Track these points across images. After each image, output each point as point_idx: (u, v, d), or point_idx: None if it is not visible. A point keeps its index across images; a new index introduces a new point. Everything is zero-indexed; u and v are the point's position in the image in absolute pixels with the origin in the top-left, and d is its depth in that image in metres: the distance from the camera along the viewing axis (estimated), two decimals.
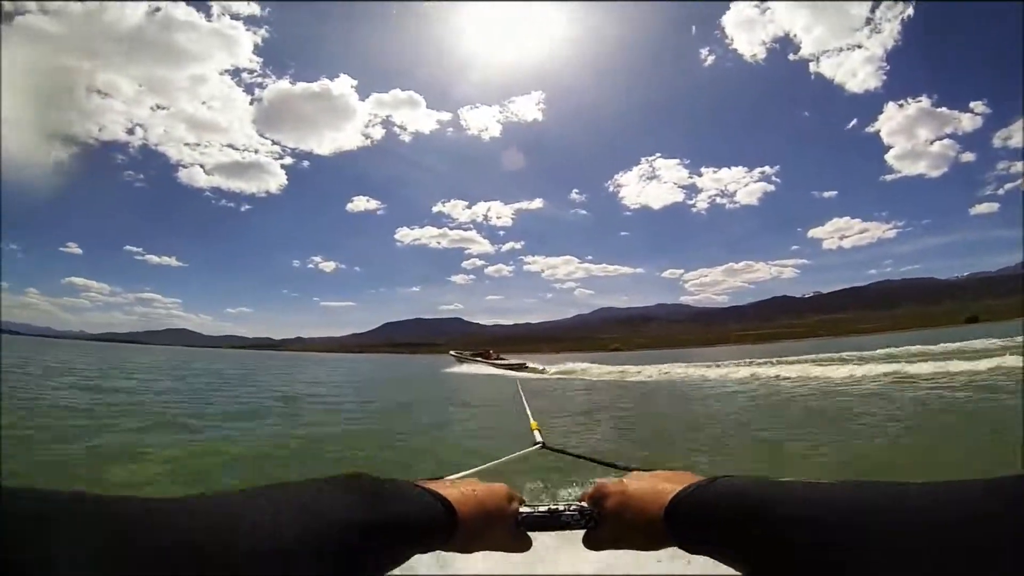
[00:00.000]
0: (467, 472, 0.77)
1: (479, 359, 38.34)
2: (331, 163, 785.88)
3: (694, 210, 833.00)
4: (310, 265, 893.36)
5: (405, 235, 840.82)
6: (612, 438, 8.61)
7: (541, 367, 30.52)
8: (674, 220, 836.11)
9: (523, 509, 0.68)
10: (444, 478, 0.69)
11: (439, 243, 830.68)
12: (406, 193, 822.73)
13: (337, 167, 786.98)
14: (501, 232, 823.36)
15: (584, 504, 0.68)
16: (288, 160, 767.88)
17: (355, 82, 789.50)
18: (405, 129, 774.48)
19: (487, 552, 0.66)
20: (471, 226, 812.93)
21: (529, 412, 1.64)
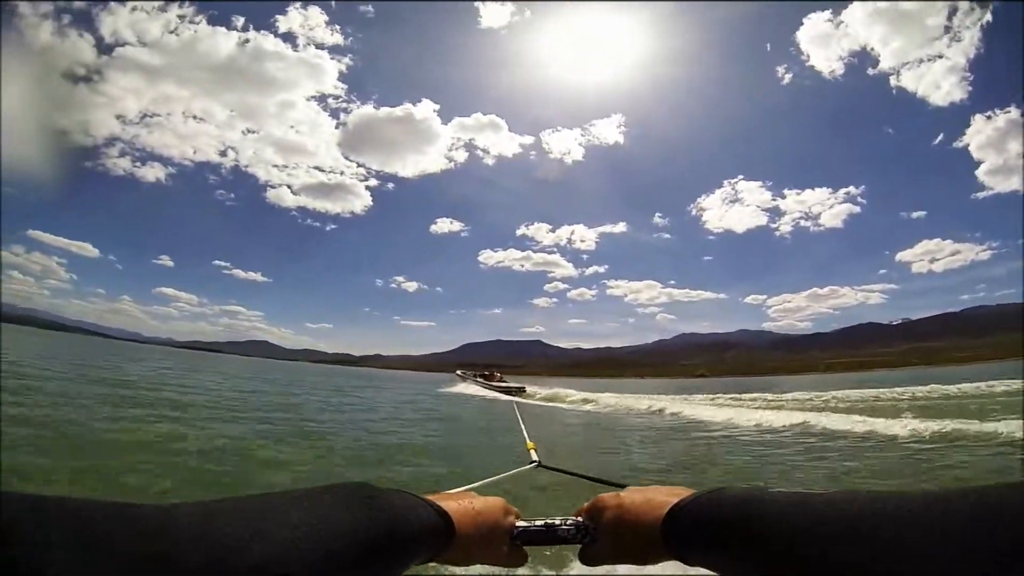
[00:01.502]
0: (463, 488, 0.78)
1: (480, 380, 40.39)
2: (415, 185, 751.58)
3: (777, 234, 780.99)
4: (392, 285, 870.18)
5: (488, 257, 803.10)
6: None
7: (537, 391, 30.93)
8: (757, 244, 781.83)
9: (519, 523, 0.69)
10: (441, 492, 0.69)
11: (522, 265, 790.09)
12: (490, 215, 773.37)
13: (421, 189, 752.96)
14: (584, 256, 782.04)
15: (580, 518, 0.69)
16: (373, 182, 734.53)
17: (437, 106, 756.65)
18: (488, 152, 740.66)
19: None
20: (555, 249, 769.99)
21: (525, 433, 1.68)
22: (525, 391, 31.64)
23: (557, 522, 0.68)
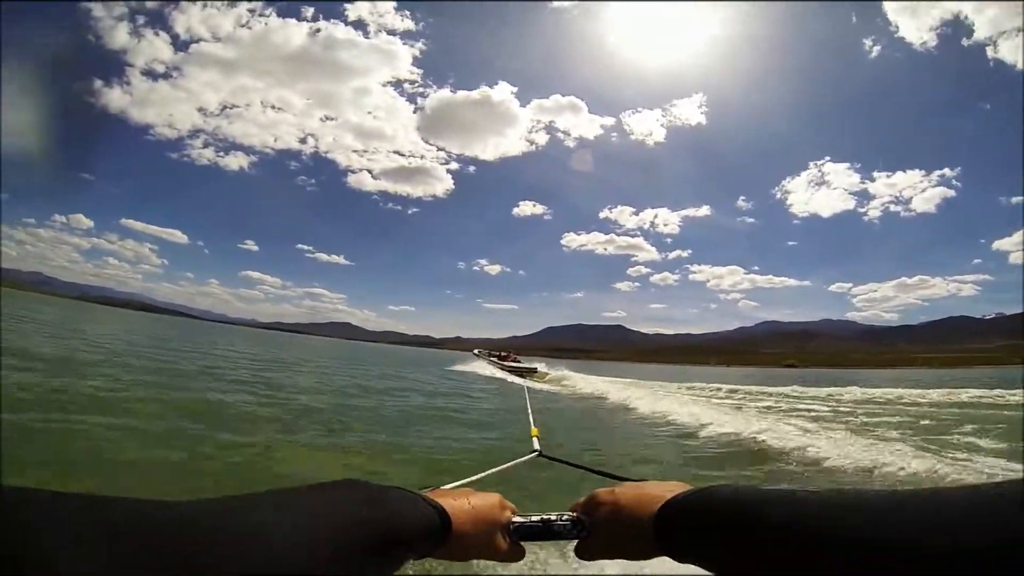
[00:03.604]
0: (462, 481, 0.79)
1: (494, 359, 40.35)
2: (497, 168, 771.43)
3: (866, 219, 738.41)
4: (475, 267, 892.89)
5: (572, 240, 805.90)
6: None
7: (547, 372, 31.16)
8: (844, 229, 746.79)
9: (516, 518, 0.70)
10: (439, 487, 0.71)
11: (606, 249, 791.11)
12: (573, 198, 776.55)
13: (503, 172, 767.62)
14: (668, 239, 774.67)
15: (576, 514, 0.70)
16: (454, 165, 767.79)
17: (515, 88, 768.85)
18: (569, 135, 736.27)
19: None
20: (638, 232, 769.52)
21: (531, 418, 1.72)
22: (537, 372, 31.29)
23: (553, 518, 0.70)
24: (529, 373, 29.98)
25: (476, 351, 53.37)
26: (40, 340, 17.15)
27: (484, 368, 33.09)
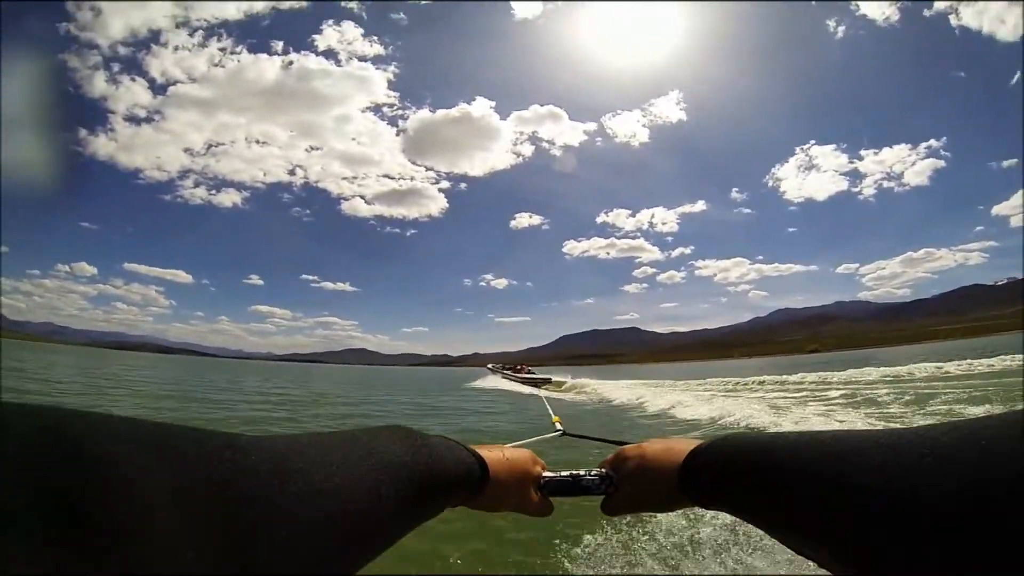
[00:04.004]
0: None
1: (508, 372, 42.12)
2: (487, 183, 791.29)
3: (861, 197, 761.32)
4: (482, 283, 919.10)
5: (573, 247, 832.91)
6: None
7: (564, 380, 31.28)
8: (841, 210, 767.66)
9: (546, 474, 0.74)
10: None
11: (608, 253, 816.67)
12: (567, 206, 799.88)
13: (494, 186, 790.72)
14: (669, 238, 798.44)
15: (604, 470, 0.73)
16: (445, 184, 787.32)
17: (492, 102, 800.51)
18: (553, 143, 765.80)
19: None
20: (638, 234, 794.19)
21: (551, 410, 1.86)
22: (551, 381, 32.27)
23: (582, 473, 0.73)
24: (543, 383, 30.43)
25: (490, 366, 56.58)
26: None
27: (500, 383, 33.19)
